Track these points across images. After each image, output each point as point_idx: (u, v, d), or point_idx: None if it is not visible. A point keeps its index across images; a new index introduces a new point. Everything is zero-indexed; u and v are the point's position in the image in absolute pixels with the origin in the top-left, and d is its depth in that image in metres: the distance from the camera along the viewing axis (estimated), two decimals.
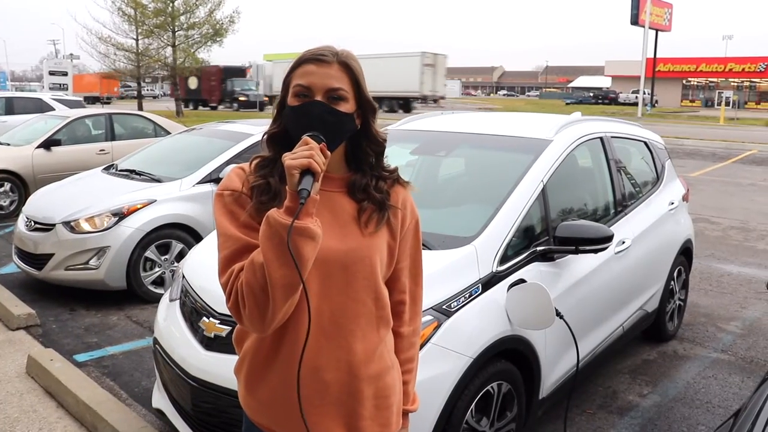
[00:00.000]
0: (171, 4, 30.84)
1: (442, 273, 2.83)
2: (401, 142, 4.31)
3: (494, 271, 2.96)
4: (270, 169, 1.58)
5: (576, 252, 3.23)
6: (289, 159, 1.39)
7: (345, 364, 1.56)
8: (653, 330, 4.83)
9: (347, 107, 1.54)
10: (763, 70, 60.47)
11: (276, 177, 1.56)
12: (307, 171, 1.38)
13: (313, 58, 1.53)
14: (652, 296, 4.53)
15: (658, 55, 54.36)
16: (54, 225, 5.59)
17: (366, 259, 1.56)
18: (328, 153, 1.45)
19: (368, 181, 1.62)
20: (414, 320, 1.79)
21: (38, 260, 5.69)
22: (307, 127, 1.48)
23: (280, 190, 1.53)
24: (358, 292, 1.56)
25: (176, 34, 31.54)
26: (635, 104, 48.52)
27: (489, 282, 2.91)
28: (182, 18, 31.44)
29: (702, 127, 32.95)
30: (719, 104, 49.15)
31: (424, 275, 2.80)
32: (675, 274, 4.93)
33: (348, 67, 1.55)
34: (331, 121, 1.51)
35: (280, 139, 1.60)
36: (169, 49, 32.09)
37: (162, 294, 5.50)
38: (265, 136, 1.63)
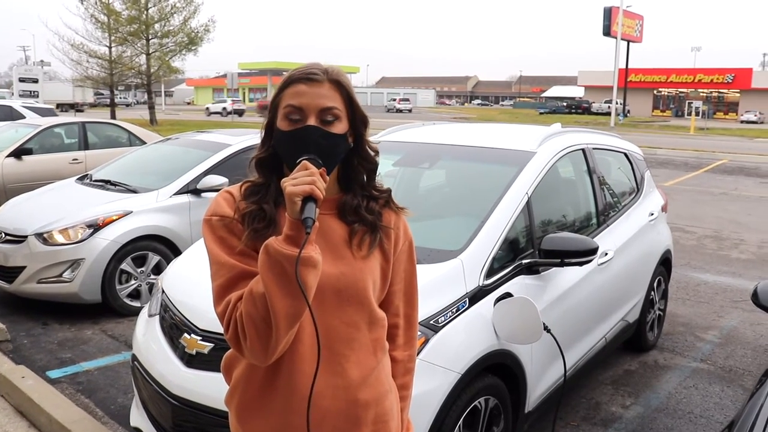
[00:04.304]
0: (145, 12, 30.58)
1: (428, 287, 2.78)
2: (383, 153, 4.26)
3: (481, 285, 2.93)
4: (262, 195, 1.52)
5: (561, 265, 3.22)
6: (290, 185, 1.33)
7: (342, 390, 1.52)
8: (634, 340, 4.85)
9: (341, 127, 1.50)
10: (730, 81, 61.92)
11: (270, 203, 1.50)
12: (309, 198, 1.33)
13: (304, 78, 1.48)
14: (633, 307, 4.55)
15: (629, 66, 55.34)
16: (26, 237, 5.44)
17: (359, 283, 1.52)
18: (327, 178, 1.41)
19: (359, 202, 1.56)
20: (409, 345, 1.74)
21: (9, 273, 5.53)
22: (301, 151, 1.43)
23: (274, 216, 1.48)
24: (351, 317, 1.52)
25: (150, 42, 31.26)
26: (608, 114, 49.29)
27: (476, 296, 2.89)
28: (156, 26, 31.22)
29: (673, 136, 33.57)
30: (689, 114, 50.17)
31: None
32: (655, 285, 4.97)
33: (339, 84, 1.51)
34: (326, 145, 1.46)
35: (270, 163, 1.54)
36: (143, 57, 31.78)
37: (138, 307, 5.41)
38: (252, 161, 1.57)
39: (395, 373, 1.70)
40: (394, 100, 70.45)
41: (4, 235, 5.63)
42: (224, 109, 49.47)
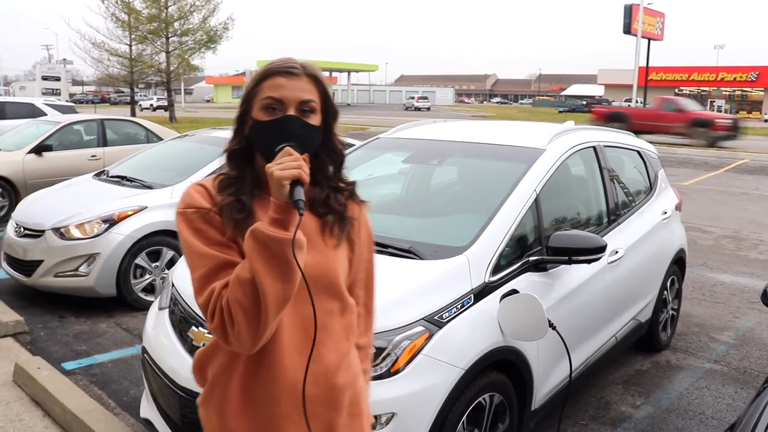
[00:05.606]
0: (165, 10, 30.82)
1: (433, 283, 2.80)
2: (394, 150, 4.30)
3: (486, 281, 2.93)
4: (238, 186, 1.54)
5: (569, 262, 3.21)
6: (277, 170, 1.37)
7: (322, 376, 1.55)
8: (646, 340, 4.81)
9: (316, 119, 1.54)
10: (754, 79, 60.93)
11: (247, 194, 1.53)
12: (297, 181, 1.37)
13: (283, 71, 1.52)
14: (645, 306, 4.51)
15: (650, 64, 54.65)
16: (44, 231, 5.54)
17: (332, 271, 1.57)
18: (308, 164, 1.44)
19: (327, 194, 1.61)
20: (368, 331, 1.80)
21: (27, 267, 5.63)
22: (280, 141, 1.46)
23: (251, 206, 1.52)
24: (326, 304, 1.55)
25: (170, 40, 31.51)
26: None
27: (481, 292, 2.89)
28: (176, 24, 31.42)
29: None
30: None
31: (415, 285, 2.81)
32: (668, 284, 4.92)
33: (316, 79, 1.56)
34: (304, 135, 1.50)
35: (243, 154, 1.57)
36: (162, 55, 32.05)
37: (152, 301, 5.46)
38: (225, 153, 1.59)
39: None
40: (413, 98, 70.97)
41: (23, 230, 5.73)
42: (151, 105, 56.67)
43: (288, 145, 1.44)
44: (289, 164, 1.38)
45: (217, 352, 1.58)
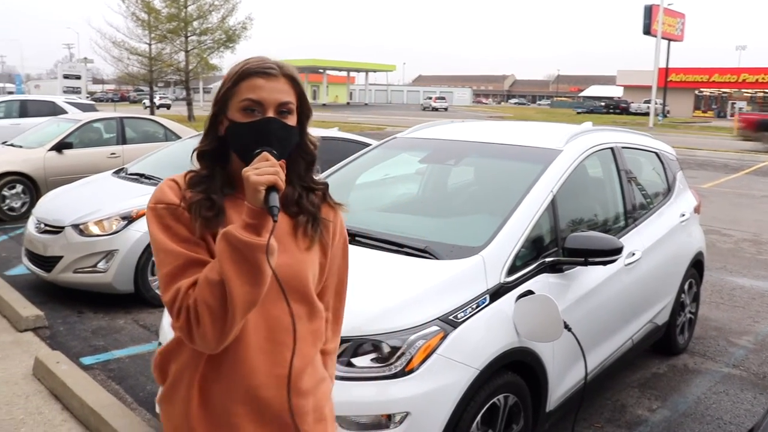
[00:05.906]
0: (184, 10, 31.07)
1: (449, 283, 2.80)
2: (410, 150, 4.31)
3: (502, 281, 2.92)
4: (208, 185, 1.53)
5: (585, 264, 3.19)
6: (254, 175, 1.36)
7: (284, 380, 1.51)
8: (663, 343, 4.77)
9: (293, 120, 1.54)
10: None
11: (218, 193, 1.52)
12: (272, 187, 1.36)
13: (261, 72, 1.50)
14: (662, 309, 4.47)
15: (670, 65, 54.17)
16: (63, 227, 5.61)
17: (301, 274, 1.54)
18: (284, 170, 1.44)
19: (300, 193, 1.59)
20: (335, 338, 1.77)
21: (47, 262, 5.71)
22: (260, 142, 1.45)
23: (222, 205, 1.51)
24: (294, 306, 1.51)
25: (189, 39, 31.76)
26: (647, 114, 48.36)
27: (497, 293, 2.88)
28: (195, 23, 31.67)
29: (714, 137, 32.76)
30: (732, 115, 48.87)
31: (431, 285, 2.81)
32: (686, 287, 4.87)
33: (293, 80, 1.54)
34: (284, 137, 1.50)
35: (214, 154, 1.56)
36: (181, 54, 32.32)
37: None
38: (194, 153, 1.57)
39: (323, 364, 1.72)
40: (430, 98, 70.65)
41: (43, 226, 5.81)
42: (153, 104, 56.48)
43: (265, 150, 1.43)
44: (265, 170, 1.37)
45: (180, 350, 1.55)
